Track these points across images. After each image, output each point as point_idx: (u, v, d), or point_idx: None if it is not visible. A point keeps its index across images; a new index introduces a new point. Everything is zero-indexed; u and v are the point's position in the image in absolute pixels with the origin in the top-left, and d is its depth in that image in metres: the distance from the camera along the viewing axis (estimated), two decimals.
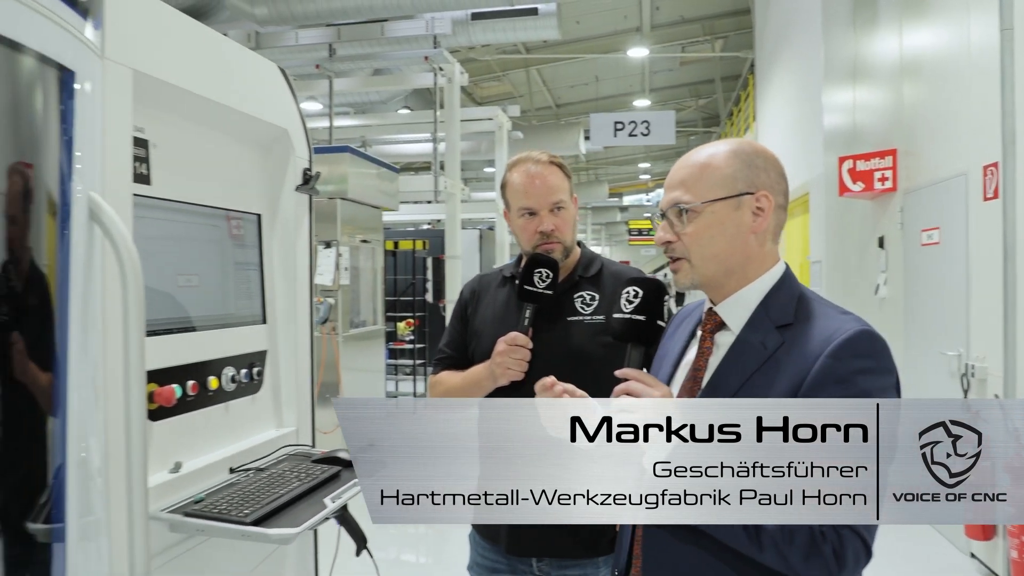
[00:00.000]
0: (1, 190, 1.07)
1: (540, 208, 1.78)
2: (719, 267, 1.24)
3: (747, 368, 1.18)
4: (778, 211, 1.25)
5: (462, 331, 1.94)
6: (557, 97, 17.91)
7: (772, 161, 1.26)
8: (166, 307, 1.62)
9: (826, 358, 1.10)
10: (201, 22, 5.54)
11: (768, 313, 1.21)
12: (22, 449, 1.14)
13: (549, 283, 1.72)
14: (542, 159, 1.82)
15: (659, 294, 1.34)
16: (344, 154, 6.11)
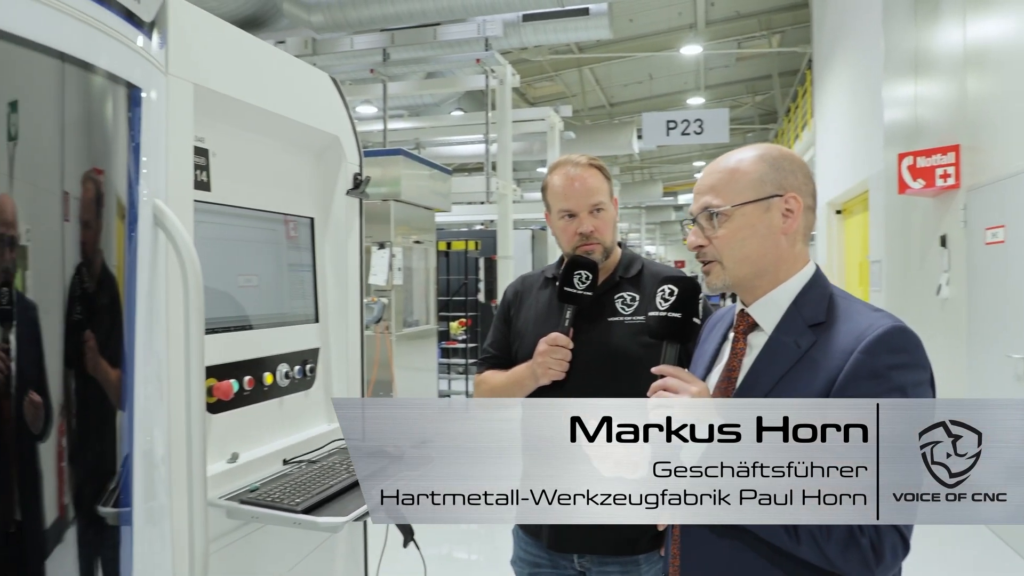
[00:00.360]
0: (75, 196, 1.16)
1: (579, 210, 1.81)
2: (751, 269, 1.26)
3: (780, 367, 1.20)
4: (807, 212, 1.27)
5: (505, 331, 1.98)
6: (610, 96, 17.82)
7: (799, 164, 1.28)
8: (226, 306, 1.72)
9: (859, 354, 1.11)
10: (261, 30, 5.73)
11: (800, 312, 1.23)
12: (94, 439, 1.23)
13: (588, 285, 1.75)
14: (581, 162, 1.85)
15: (694, 292, 1.36)
16: (397, 157, 6.23)
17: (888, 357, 1.10)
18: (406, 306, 6.54)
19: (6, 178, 1.03)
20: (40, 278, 1.11)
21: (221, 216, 1.68)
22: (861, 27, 7.50)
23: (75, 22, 1.09)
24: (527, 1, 6.37)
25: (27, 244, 1.07)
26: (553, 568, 1.84)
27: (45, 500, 1.13)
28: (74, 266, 1.17)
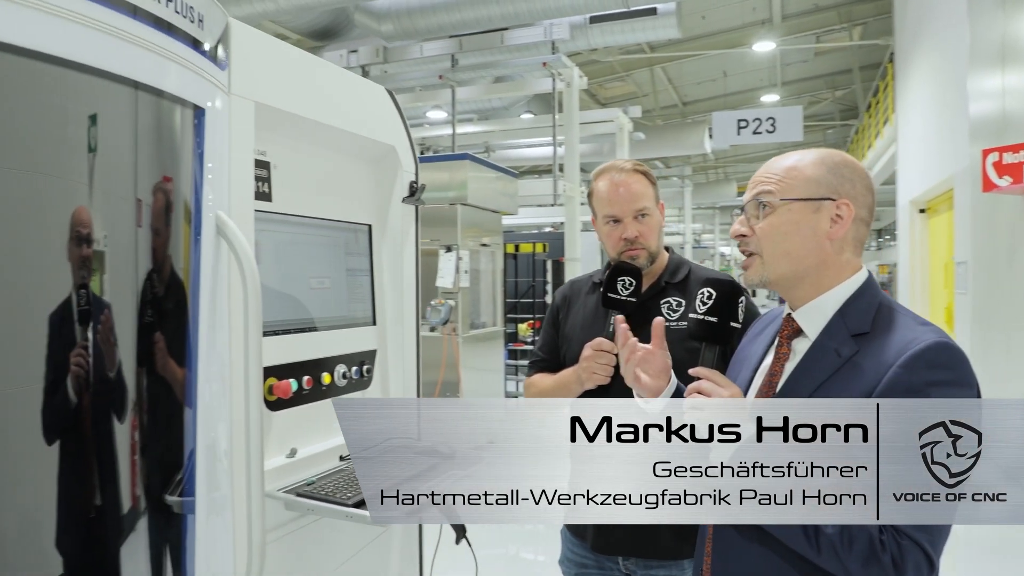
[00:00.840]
0: (147, 204, 1.26)
1: (624, 215, 1.83)
2: (789, 267, 1.25)
3: (820, 375, 1.20)
4: (859, 223, 1.25)
5: (554, 335, 2.02)
6: (683, 95, 17.54)
7: (860, 173, 1.26)
8: (286, 309, 1.82)
9: (897, 368, 1.10)
10: (334, 41, 5.95)
11: (845, 321, 1.22)
12: (163, 434, 1.34)
13: (632, 290, 1.77)
14: (626, 167, 1.87)
15: (732, 295, 1.37)
16: (464, 161, 6.34)
17: (927, 373, 1.08)
18: (473, 308, 6.64)
19: (86, 189, 1.14)
20: (115, 281, 1.21)
21: (282, 224, 1.78)
22: (945, 16, 7.17)
23: (146, 53, 1.19)
24: (591, 3, 6.37)
25: (104, 249, 1.18)
26: (599, 569, 1.86)
27: (121, 489, 1.24)
28: (146, 271, 1.27)
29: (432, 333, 6.33)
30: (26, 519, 1.10)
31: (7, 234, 1.03)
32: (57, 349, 1.11)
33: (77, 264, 1.13)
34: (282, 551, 1.63)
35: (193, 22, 1.31)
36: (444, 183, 6.29)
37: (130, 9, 1.16)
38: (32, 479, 1.10)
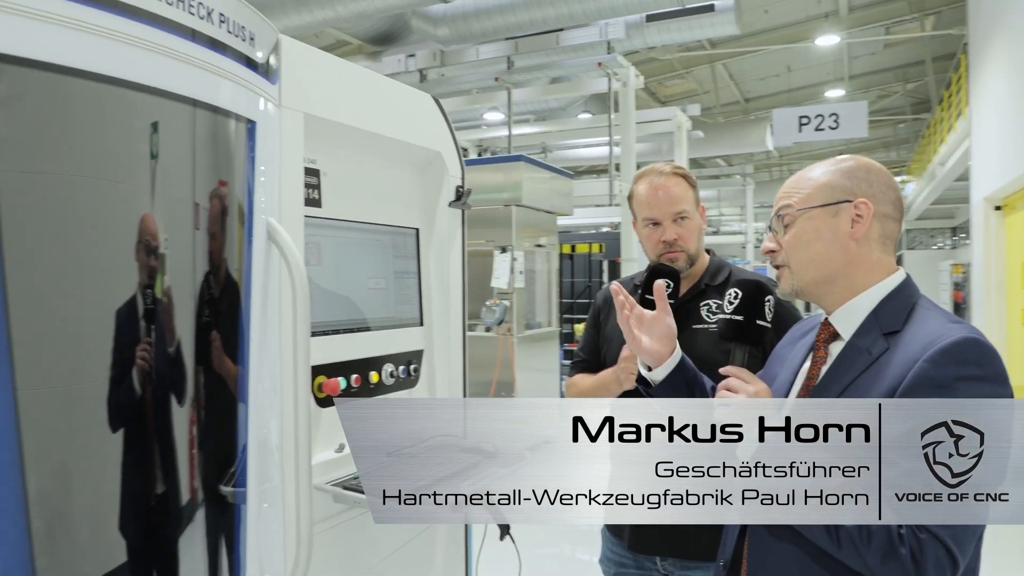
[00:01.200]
0: (204, 209, 1.35)
1: (663, 218, 1.84)
2: (817, 272, 1.27)
3: (850, 375, 1.21)
4: (884, 220, 1.26)
5: (595, 336, 2.05)
6: (745, 91, 17.19)
7: (877, 172, 1.27)
8: (337, 310, 1.89)
9: (923, 362, 1.10)
10: (392, 45, 6.11)
11: (878, 320, 1.22)
12: (218, 428, 1.42)
13: (670, 292, 1.78)
14: (665, 170, 1.88)
15: (758, 295, 1.38)
16: (519, 162, 6.40)
17: (954, 368, 1.08)
18: (528, 308, 6.69)
19: (149, 196, 1.23)
20: (175, 282, 1.30)
21: (331, 229, 1.86)
22: (1022, 5, 6.84)
23: (203, 72, 1.28)
24: (647, 2, 6.33)
25: (165, 252, 1.27)
26: (638, 569, 1.88)
27: (179, 478, 1.32)
28: (203, 272, 1.36)
29: (487, 333, 6.41)
30: (94, 504, 1.19)
31: (82, 236, 1.13)
32: (122, 345, 1.20)
33: (142, 265, 1.23)
34: (330, 541, 1.70)
35: (244, 40, 1.39)
36: (499, 184, 6.35)
37: (189, 33, 1.25)
38: (99, 467, 1.19)
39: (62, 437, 1.12)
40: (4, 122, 1.01)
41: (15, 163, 1.03)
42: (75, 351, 1.15)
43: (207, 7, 1.28)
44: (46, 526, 1.10)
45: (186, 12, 1.24)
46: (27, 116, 1.05)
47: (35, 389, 1.05)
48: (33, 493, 1.05)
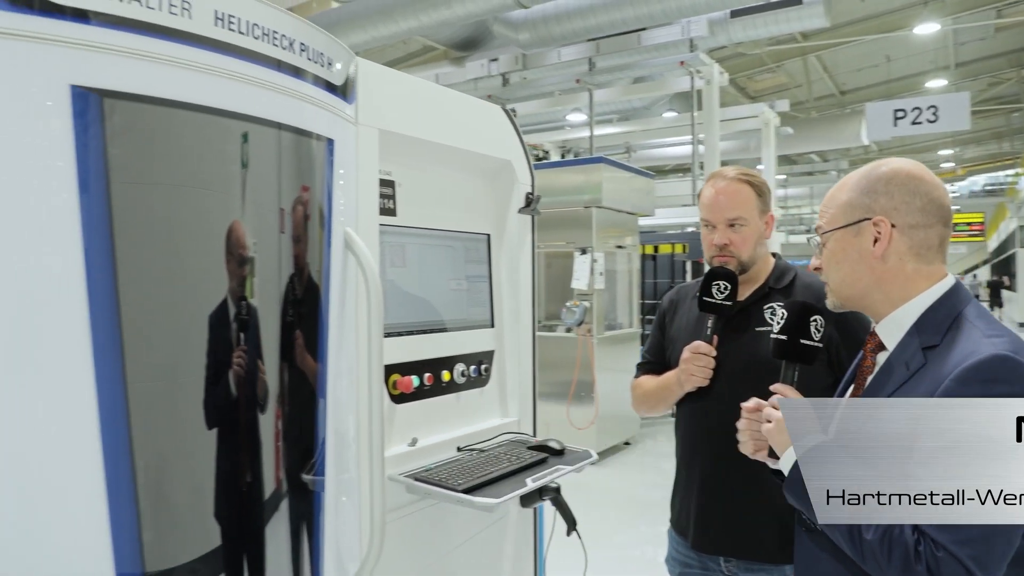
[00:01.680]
0: (288, 215, 1.48)
1: (717, 222, 1.87)
2: (852, 291, 1.30)
3: (887, 390, 1.22)
4: (911, 231, 1.24)
5: (660, 338, 2.08)
6: (841, 83, 16.52)
7: (901, 181, 1.24)
8: (412, 312, 2.01)
9: (950, 382, 1.10)
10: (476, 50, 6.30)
11: (919, 334, 1.22)
12: (301, 421, 1.55)
13: (728, 295, 1.80)
14: (730, 175, 1.90)
15: (802, 314, 1.40)
16: (599, 164, 6.43)
17: (980, 387, 1.07)
18: (609, 309, 6.70)
19: (240, 208, 1.37)
20: (263, 284, 1.43)
21: (406, 236, 1.98)
22: None
23: (286, 98, 1.41)
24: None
25: (254, 255, 1.41)
26: (702, 569, 1.91)
27: (265, 468, 1.46)
28: (288, 275, 1.49)
29: (567, 334, 6.46)
30: (193, 492, 1.33)
31: (182, 244, 1.27)
32: (217, 343, 1.34)
33: (235, 269, 1.37)
34: (403, 529, 1.82)
35: (323, 66, 1.52)
36: (578, 186, 6.40)
37: (275, 63, 1.39)
38: (196, 456, 1.33)
39: (164, 426, 1.26)
40: (117, 147, 1.16)
41: (126, 183, 1.18)
42: (177, 349, 1.30)
43: (289, 38, 1.41)
44: (151, 507, 1.24)
45: (270, 44, 1.38)
46: (137, 143, 1.20)
47: (142, 382, 1.20)
48: (140, 475, 1.20)
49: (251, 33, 1.33)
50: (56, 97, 1.10)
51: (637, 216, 7.14)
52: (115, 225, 1.16)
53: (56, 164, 1.10)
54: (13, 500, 1.09)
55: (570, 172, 6.57)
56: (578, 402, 6.38)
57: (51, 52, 1.09)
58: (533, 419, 2.32)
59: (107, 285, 1.15)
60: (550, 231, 6.65)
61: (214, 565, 1.35)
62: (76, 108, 1.11)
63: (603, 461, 6.62)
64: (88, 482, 1.14)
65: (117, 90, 1.15)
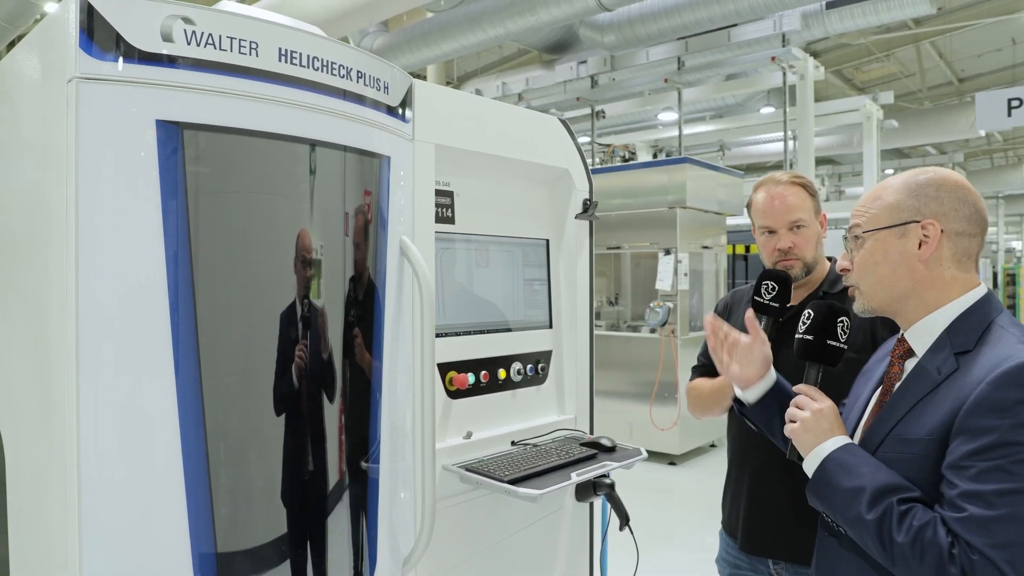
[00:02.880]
0: (351, 221, 1.63)
1: (778, 227, 1.89)
2: (886, 293, 1.29)
3: (917, 394, 1.22)
4: (957, 238, 1.25)
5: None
6: (959, 70, 15.47)
7: (950, 187, 1.26)
8: (471, 313, 2.14)
9: (985, 385, 1.10)
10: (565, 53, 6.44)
11: (951, 339, 1.23)
12: (361, 413, 1.70)
13: (775, 296, 1.82)
14: (783, 179, 1.93)
15: (829, 316, 1.41)
16: (684, 164, 6.38)
17: (1017, 392, 1.07)
18: (693, 310, 6.64)
19: (308, 217, 1.54)
20: (327, 288, 1.60)
21: (464, 243, 2.11)
22: None
23: (347, 122, 1.57)
24: None
25: (320, 259, 1.57)
26: (751, 571, 1.94)
27: (328, 454, 1.61)
28: (349, 280, 1.65)
29: (651, 335, 6.46)
30: (263, 476, 1.50)
31: (254, 250, 1.45)
32: (286, 340, 1.52)
33: (301, 272, 1.53)
34: (458, 516, 1.95)
35: (380, 90, 1.67)
36: (662, 186, 6.38)
37: (335, 91, 1.55)
38: (264, 445, 1.50)
39: (236, 417, 1.44)
40: (194, 171, 1.35)
41: (203, 201, 1.37)
42: (247, 344, 1.48)
43: (347, 67, 1.57)
44: (223, 491, 1.41)
45: (330, 74, 1.54)
46: (213, 167, 1.39)
47: (215, 377, 1.38)
48: (213, 462, 1.38)
49: (312, 65, 1.50)
50: (144, 130, 1.29)
51: (724, 216, 7.03)
52: (192, 237, 1.34)
53: (144, 187, 1.29)
54: (117, 482, 1.29)
55: (654, 173, 6.56)
56: (661, 403, 6.36)
57: (140, 92, 1.29)
58: (590, 416, 2.41)
59: (186, 287, 1.34)
60: (635, 231, 6.65)
61: (281, 547, 1.52)
62: (160, 139, 1.31)
63: (687, 463, 6.57)
64: (168, 466, 1.33)
65: (195, 122, 1.34)
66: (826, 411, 1.31)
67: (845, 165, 16.20)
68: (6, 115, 1.63)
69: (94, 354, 1.27)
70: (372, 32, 7.71)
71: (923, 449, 1.16)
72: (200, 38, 1.33)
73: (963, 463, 1.08)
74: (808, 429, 1.31)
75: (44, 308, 1.36)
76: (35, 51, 1.45)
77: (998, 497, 1.04)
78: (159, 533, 1.33)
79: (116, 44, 1.26)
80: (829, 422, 1.30)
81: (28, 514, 1.49)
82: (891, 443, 1.22)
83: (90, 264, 1.27)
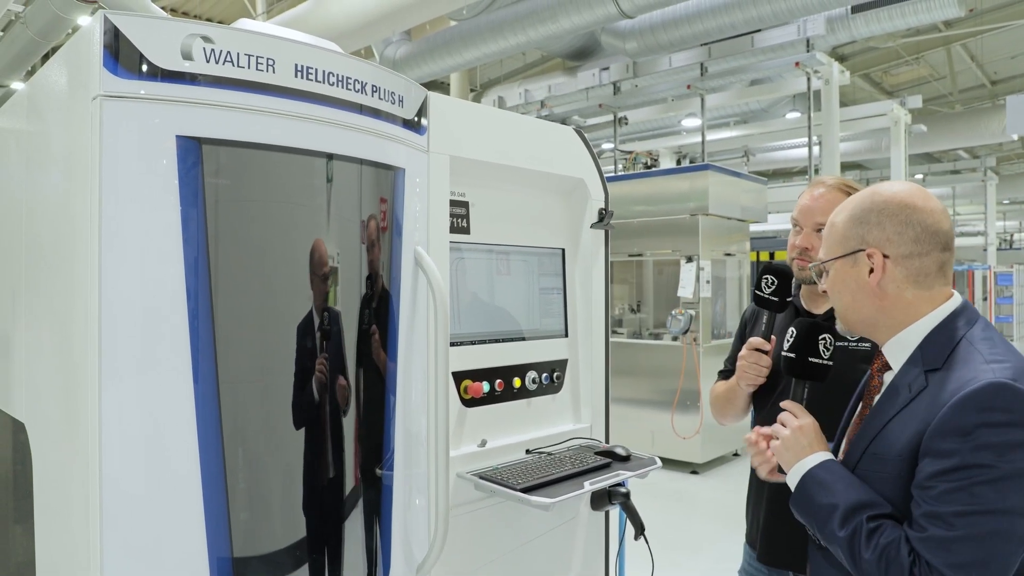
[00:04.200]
0: (366, 230, 1.66)
1: (805, 224, 1.89)
2: (855, 318, 1.32)
3: (889, 411, 1.24)
4: (905, 261, 1.24)
5: (739, 347, 2.13)
6: (992, 72, 15.21)
7: (891, 212, 1.24)
8: (485, 322, 2.16)
9: (948, 408, 1.11)
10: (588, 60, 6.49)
11: (923, 355, 1.23)
12: (376, 419, 1.73)
13: (775, 290, 1.82)
14: (827, 182, 1.93)
15: (810, 333, 1.43)
16: (705, 171, 6.36)
17: (977, 415, 1.08)
18: (715, 318, 6.60)
19: (325, 228, 1.57)
20: (344, 294, 1.63)
21: (479, 252, 2.13)
22: None
23: (362, 135, 1.61)
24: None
25: (337, 265, 1.60)
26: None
27: (345, 463, 1.65)
28: (363, 289, 1.67)
29: (673, 343, 6.43)
30: (279, 482, 1.53)
31: (272, 260, 1.49)
32: (302, 347, 1.55)
33: (318, 283, 1.57)
34: (473, 523, 1.97)
35: (395, 103, 1.70)
36: (684, 193, 6.36)
37: (350, 106, 1.59)
38: (281, 451, 1.53)
39: (252, 422, 1.48)
40: (213, 184, 1.39)
41: (222, 212, 1.41)
42: (264, 351, 1.51)
43: (361, 81, 1.61)
44: (239, 496, 1.44)
45: (345, 88, 1.57)
46: (231, 179, 1.43)
47: (232, 383, 1.42)
48: (230, 468, 1.41)
49: (327, 80, 1.54)
50: (165, 145, 1.33)
51: (748, 223, 6.98)
52: (211, 248, 1.38)
53: (164, 199, 1.33)
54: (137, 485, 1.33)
55: (676, 179, 6.54)
56: (683, 411, 6.32)
57: (161, 109, 1.33)
58: (605, 425, 2.41)
59: (204, 296, 1.38)
60: (657, 239, 6.64)
61: (296, 553, 1.54)
62: (180, 153, 1.35)
63: (709, 472, 6.52)
64: (186, 470, 1.36)
65: (214, 137, 1.38)
66: (806, 428, 1.33)
67: (873, 170, 15.98)
68: (37, 129, 1.69)
69: (116, 360, 1.32)
70: (395, 41, 7.79)
71: (895, 468, 1.17)
72: (219, 56, 1.37)
73: (927, 483, 1.11)
74: (788, 447, 1.35)
75: (69, 315, 1.41)
76: (63, 69, 1.51)
77: (957, 518, 1.06)
78: (177, 537, 1.37)
79: (139, 63, 1.31)
80: (809, 439, 1.32)
81: (53, 515, 1.54)
82: (867, 460, 1.24)
83: (113, 273, 1.31)
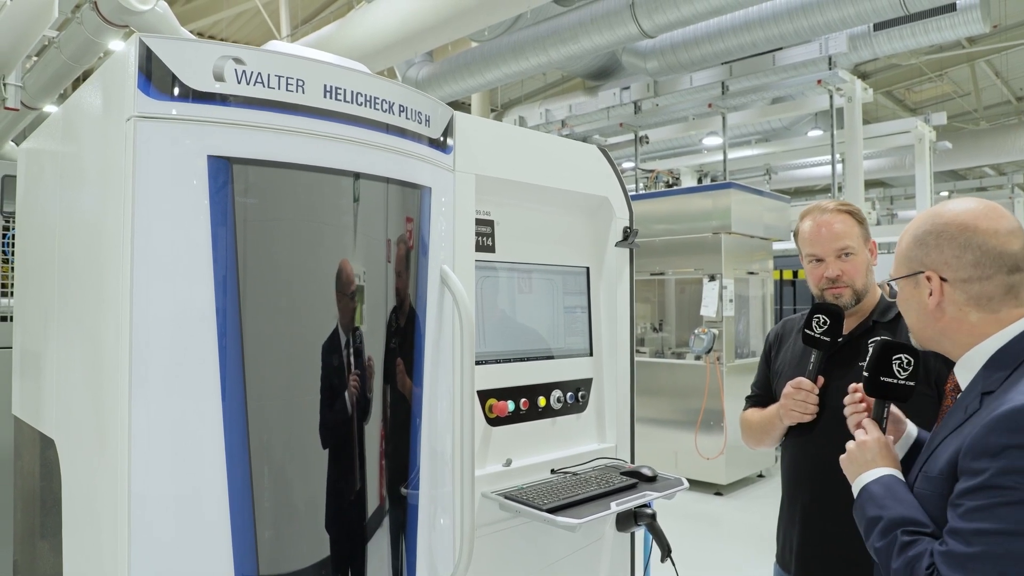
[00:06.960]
0: (393, 250, 1.67)
1: (826, 255, 1.87)
2: (921, 335, 1.33)
3: (943, 433, 1.25)
4: (964, 285, 1.22)
5: (767, 372, 2.10)
6: (1017, 88, 15.06)
7: (949, 236, 1.24)
8: (509, 341, 2.16)
9: (981, 428, 1.12)
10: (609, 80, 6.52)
11: (984, 378, 1.23)
12: (402, 439, 1.73)
13: (826, 329, 1.80)
14: (829, 207, 1.91)
15: (883, 352, 1.42)
16: (728, 189, 6.33)
17: (1005, 437, 1.08)
18: (739, 336, 6.53)
19: (351, 248, 1.58)
20: (370, 312, 1.63)
21: (503, 271, 2.13)
22: None
23: (390, 154, 1.62)
24: (864, 13, 5.96)
25: (363, 284, 1.61)
26: None
27: (369, 482, 1.64)
28: (390, 308, 1.68)
29: (696, 362, 6.37)
30: (305, 499, 1.53)
31: (299, 278, 1.50)
32: (328, 365, 1.55)
33: (344, 300, 1.57)
34: (498, 543, 1.95)
35: (422, 123, 1.72)
36: (706, 212, 6.33)
37: (378, 126, 1.60)
38: (307, 468, 1.53)
39: (279, 439, 1.48)
40: (243, 203, 1.40)
41: (251, 231, 1.42)
42: (291, 368, 1.52)
43: (389, 101, 1.62)
44: (266, 514, 1.44)
45: (373, 108, 1.59)
46: (261, 198, 1.44)
47: (259, 400, 1.42)
48: (256, 481, 1.42)
49: (355, 100, 1.55)
50: (196, 164, 1.35)
51: (771, 241, 6.93)
52: (240, 265, 1.39)
53: (195, 218, 1.35)
54: (165, 501, 1.34)
55: (698, 198, 6.52)
56: (707, 431, 6.25)
57: (193, 129, 1.35)
58: (631, 445, 2.39)
59: (233, 313, 1.39)
60: (679, 257, 6.61)
61: (322, 571, 1.53)
62: (211, 172, 1.37)
63: (734, 493, 6.42)
64: (213, 487, 1.37)
65: (244, 157, 1.40)
66: (870, 443, 1.35)
67: (897, 188, 15.84)
68: (71, 150, 1.72)
69: (146, 377, 1.33)
70: (418, 62, 7.88)
71: (939, 487, 1.19)
72: (250, 77, 1.39)
73: (956, 501, 1.12)
74: (852, 460, 1.38)
75: (100, 332, 1.42)
76: (98, 90, 1.54)
77: (976, 536, 1.07)
78: (204, 553, 1.37)
79: (171, 84, 1.33)
80: (872, 454, 1.34)
81: (81, 530, 1.54)
82: (921, 480, 1.25)
83: (144, 290, 1.33)
